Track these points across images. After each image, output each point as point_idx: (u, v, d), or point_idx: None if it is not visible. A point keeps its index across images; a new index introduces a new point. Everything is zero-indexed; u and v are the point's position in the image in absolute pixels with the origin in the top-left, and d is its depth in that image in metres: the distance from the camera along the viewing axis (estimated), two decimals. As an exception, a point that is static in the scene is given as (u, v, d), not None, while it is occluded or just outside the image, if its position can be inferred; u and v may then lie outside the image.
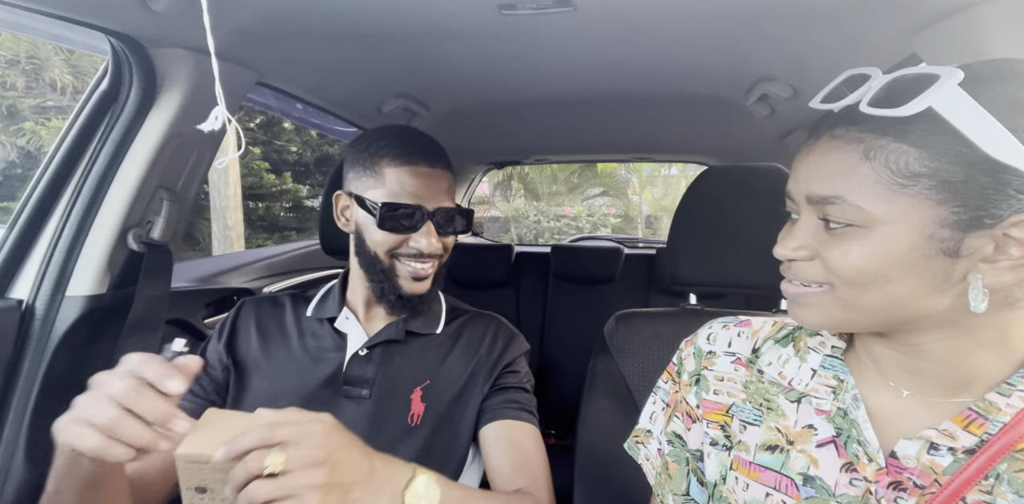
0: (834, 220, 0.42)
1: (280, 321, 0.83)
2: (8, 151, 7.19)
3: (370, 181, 0.75)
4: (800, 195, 0.45)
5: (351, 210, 0.78)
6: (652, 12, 0.82)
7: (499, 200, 12.17)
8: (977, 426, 0.42)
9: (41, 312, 0.83)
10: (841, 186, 0.41)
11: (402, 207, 0.73)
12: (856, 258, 0.40)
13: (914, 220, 0.39)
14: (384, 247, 0.75)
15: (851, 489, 0.46)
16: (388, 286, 0.77)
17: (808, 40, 0.90)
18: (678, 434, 0.62)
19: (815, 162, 0.43)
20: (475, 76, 1.17)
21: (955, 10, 0.71)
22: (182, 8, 0.72)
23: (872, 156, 0.40)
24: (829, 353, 0.52)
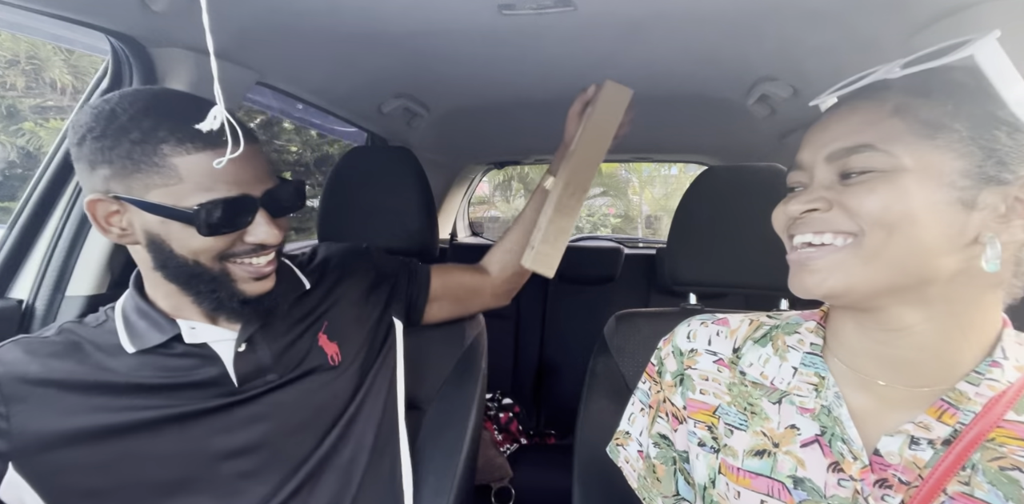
0: (856, 170, 0.42)
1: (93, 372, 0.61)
2: (8, 151, 7.19)
3: (153, 178, 0.56)
4: (818, 157, 0.45)
5: (125, 217, 0.59)
6: (652, 12, 0.82)
7: (499, 200, 12.15)
8: (949, 416, 0.43)
9: (41, 312, 0.83)
10: (868, 136, 0.42)
11: (224, 203, 0.57)
12: (884, 195, 0.40)
13: (937, 169, 0.40)
14: (210, 253, 0.60)
15: (840, 490, 0.46)
16: (225, 294, 0.62)
17: (808, 40, 0.90)
18: (663, 435, 0.61)
19: (838, 122, 0.44)
20: (475, 76, 1.17)
21: (955, 10, 0.71)
22: (182, 8, 0.72)
23: (902, 110, 0.41)
24: (808, 350, 0.52)
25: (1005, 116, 0.40)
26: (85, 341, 0.63)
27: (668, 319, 0.94)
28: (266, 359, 0.68)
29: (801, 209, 0.45)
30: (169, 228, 0.58)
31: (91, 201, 0.58)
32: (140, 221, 0.59)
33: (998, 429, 0.41)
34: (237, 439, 0.65)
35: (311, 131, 8.48)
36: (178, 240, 0.59)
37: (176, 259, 0.60)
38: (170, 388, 0.63)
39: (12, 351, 0.61)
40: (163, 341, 0.63)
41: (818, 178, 0.45)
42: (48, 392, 0.58)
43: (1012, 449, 0.41)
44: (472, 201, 3.01)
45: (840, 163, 0.43)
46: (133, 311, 0.65)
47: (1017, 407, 0.42)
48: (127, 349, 0.62)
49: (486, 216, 11.79)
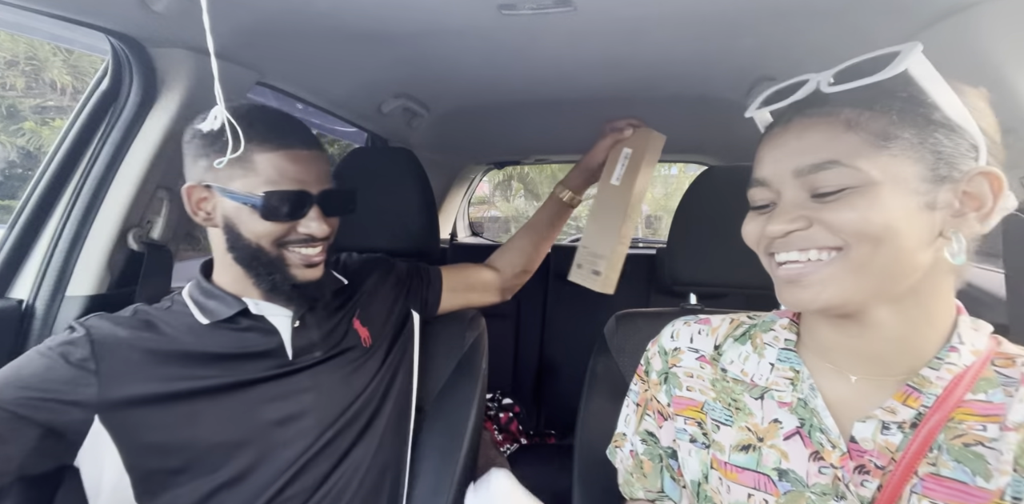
0: (827, 188, 0.44)
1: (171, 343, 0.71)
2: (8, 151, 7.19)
3: (236, 170, 0.69)
4: (784, 173, 0.46)
5: (211, 203, 0.72)
6: (652, 12, 0.82)
7: (499, 200, 12.15)
8: (913, 399, 0.45)
9: (41, 312, 0.83)
10: (831, 152, 0.43)
11: (286, 195, 0.69)
12: (871, 214, 0.42)
13: (900, 177, 0.42)
14: (270, 237, 0.71)
15: (821, 478, 0.48)
16: (280, 277, 0.73)
17: (808, 40, 0.90)
18: (650, 432, 0.62)
19: (797, 138, 0.46)
20: (475, 76, 1.17)
21: (955, 10, 0.71)
22: (182, 8, 0.72)
23: (853, 124, 0.44)
24: (783, 346, 0.54)
25: (939, 119, 0.43)
26: (158, 319, 0.73)
27: (668, 319, 0.94)
28: (315, 336, 0.79)
29: (784, 229, 0.46)
30: (240, 213, 0.70)
31: (188, 188, 0.72)
32: (221, 207, 0.71)
33: (958, 409, 0.44)
34: (286, 407, 0.74)
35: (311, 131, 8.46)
36: (245, 224, 0.71)
37: (243, 241, 0.71)
38: (235, 357, 0.73)
39: (98, 320, 0.71)
40: (232, 314, 0.73)
41: (788, 196, 0.47)
42: (132, 355, 0.68)
43: (970, 425, 0.43)
44: (472, 201, 3.01)
45: (809, 179, 0.45)
46: (200, 294, 0.76)
47: (975, 388, 0.44)
48: (201, 321, 0.73)
49: (486, 216, 11.79)
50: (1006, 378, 0.44)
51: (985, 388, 0.44)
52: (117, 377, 0.66)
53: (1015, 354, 0.46)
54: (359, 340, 0.86)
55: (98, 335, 0.68)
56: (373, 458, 0.81)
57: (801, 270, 0.45)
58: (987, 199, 0.44)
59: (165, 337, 0.71)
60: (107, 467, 0.65)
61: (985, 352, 0.46)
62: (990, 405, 0.43)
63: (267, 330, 0.76)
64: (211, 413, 0.70)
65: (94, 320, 0.71)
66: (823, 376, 0.51)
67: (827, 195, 0.44)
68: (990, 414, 0.43)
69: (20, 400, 0.61)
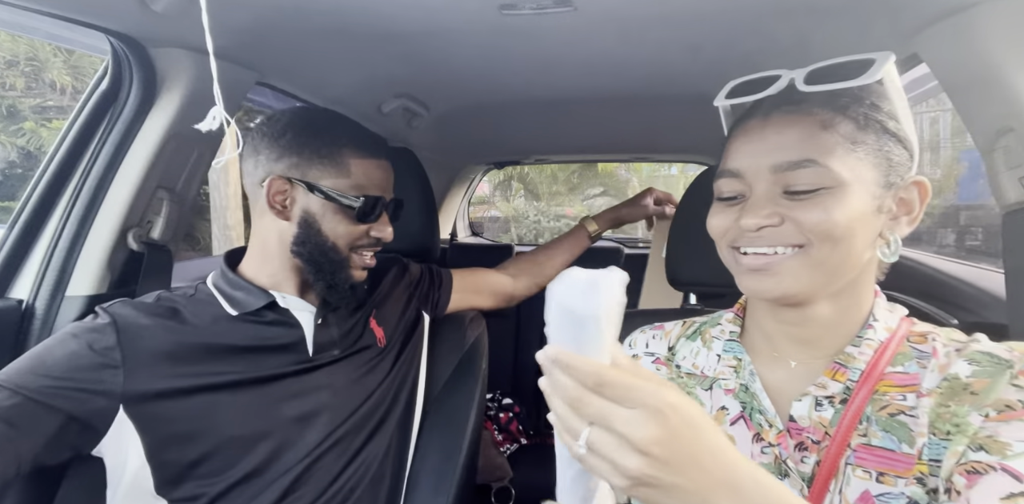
0: (803, 186, 0.46)
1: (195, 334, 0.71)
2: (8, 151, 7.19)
3: (329, 170, 0.74)
4: (761, 167, 0.48)
5: (292, 196, 0.74)
6: (652, 12, 0.82)
7: (499, 200, 12.15)
8: (841, 374, 0.49)
9: (41, 312, 0.83)
10: (809, 151, 0.46)
11: (372, 198, 0.76)
12: (838, 215, 0.45)
13: (864, 180, 0.46)
14: (347, 238, 0.76)
15: (764, 458, 0.50)
16: (341, 276, 0.76)
17: (809, 40, 0.90)
18: None
19: (777, 133, 0.48)
20: (475, 76, 1.17)
21: (955, 10, 0.71)
22: (182, 8, 0.72)
23: (828, 125, 0.46)
24: (728, 338, 0.58)
25: (892, 128, 0.47)
26: (183, 307, 0.74)
27: (668, 319, 0.94)
28: (335, 334, 0.81)
29: (759, 224, 0.47)
30: (326, 211, 0.74)
31: (272, 179, 0.73)
32: (303, 202, 0.74)
33: (881, 381, 0.48)
34: (303, 404, 0.75)
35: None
36: (329, 223, 0.74)
37: (320, 237, 0.74)
38: (257, 350, 0.74)
39: (123, 307, 0.71)
40: (260, 306, 0.74)
41: (760, 189, 0.48)
42: (157, 345, 0.68)
43: (893, 396, 0.47)
44: (472, 201, 3.01)
45: (785, 176, 0.47)
46: (226, 284, 0.77)
47: (893, 362, 0.49)
48: (229, 312, 0.74)
49: (486, 216, 11.79)
50: (919, 352, 0.49)
51: (902, 361, 0.49)
52: (142, 368, 0.66)
53: (927, 331, 0.51)
54: (375, 340, 0.87)
55: (123, 323, 0.68)
56: (383, 458, 0.81)
57: (768, 261, 0.48)
58: (915, 205, 0.49)
59: (189, 326, 0.72)
60: (131, 456, 0.66)
61: (900, 330, 0.51)
62: (907, 376, 0.48)
63: (291, 324, 0.77)
64: (231, 407, 0.70)
65: (118, 307, 0.71)
66: (764, 363, 0.55)
67: (801, 193, 0.46)
68: (908, 384, 0.47)
69: (44, 388, 0.60)
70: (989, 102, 0.72)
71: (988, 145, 0.74)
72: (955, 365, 0.46)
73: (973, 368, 0.45)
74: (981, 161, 0.77)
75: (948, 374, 0.46)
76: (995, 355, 0.45)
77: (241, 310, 0.74)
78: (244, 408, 0.71)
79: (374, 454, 0.80)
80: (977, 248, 9.27)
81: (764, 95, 0.50)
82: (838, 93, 0.46)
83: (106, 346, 0.65)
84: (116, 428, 0.64)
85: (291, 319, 0.77)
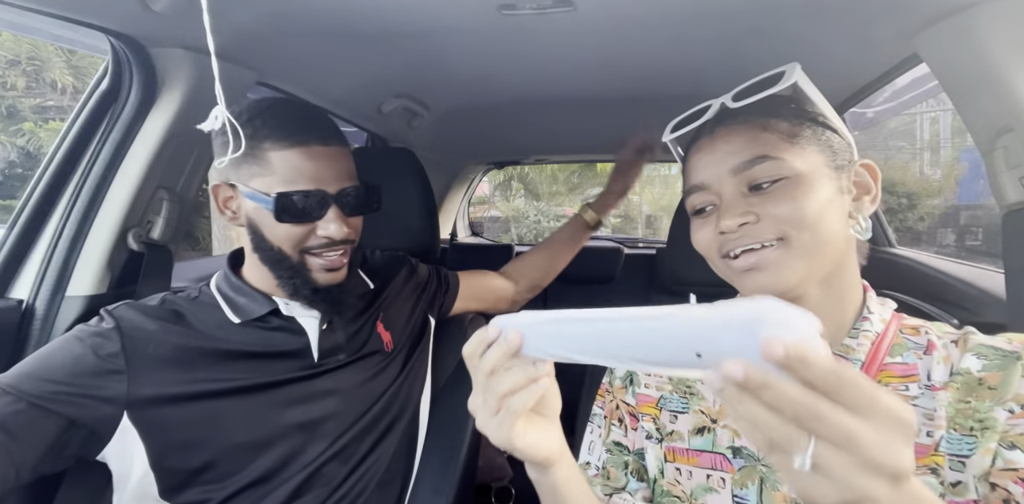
0: (764, 179, 0.50)
1: (200, 339, 0.70)
2: (8, 151, 7.19)
3: (254, 168, 0.67)
4: (721, 174, 0.52)
5: (236, 202, 0.71)
6: (652, 12, 0.82)
7: (499, 200, 12.16)
8: None
9: (41, 312, 0.83)
10: (758, 149, 0.50)
11: (300, 194, 0.66)
12: (805, 201, 0.48)
13: (815, 164, 0.50)
14: (289, 241, 0.69)
15: None
16: (300, 281, 0.71)
17: (809, 40, 0.90)
18: (617, 442, 0.63)
19: (725, 143, 0.52)
20: (475, 76, 1.17)
21: (955, 10, 0.71)
22: (182, 8, 0.72)
23: (766, 127, 0.51)
24: None
25: (823, 121, 0.52)
26: (187, 311, 0.72)
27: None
28: (341, 339, 0.78)
29: (738, 222, 0.50)
30: (260, 214, 0.68)
31: (214, 186, 0.71)
32: (244, 206, 0.70)
33: (881, 372, 0.50)
34: (309, 410, 0.73)
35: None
36: (266, 226, 0.69)
37: (265, 243, 0.70)
38: (262, 356, 0.72)
39: (127, 310, 0.69)
40: (263, 314, 0.72)
41: (728, 193, 0.52)
42: (161, 351, 0.66)
43: (895, 386, 0.49)
44: (472, 201, 3.01)
45: (745, 175, 0.51)
46: (229, 289, 0.75)
47: (891, 352, 0.51)
48: (232, 320, 0.72)
49: (486, 216, 11.79)
50: (915, 343, 0.51)
51: (900, 352, 0.51)
52: (146, 374, 0.65)
53: (918, 325, 0.53)
54: (382, 344, 0.84)
55: (128, 328, 0.66)
56: (390, 462, 0.80)
57: (757, 256, 0.50)
58: (871, 185, 0.53)
59: (194, 332, 0.70)
60: (136, 463, 0.65)
61: (893, 323, 0.53)
62: (906, 366, 0.50)
63: (295, 331, 0.75)
64: (236, 413, 0.69)
65: (123, 310, 0.69)
66: None
67: (764, 186, 0.50)
68: (908, 375, 0.49)
69: (45, 393, 0.59)
70: (989, 102, 0.72)
71: (988, 145, 0.74)
72: (964, 360, 0.47)
73: (983, 362, 0.47)
74: (981, 161, 0.77)
75: (959, 369, 0.47)
76: (999, 348, 0.47)
77: (244, 317, 0.72)
78: (249, 414, 0.69)
79: (382, 458, 0.79)
80: (977, 248, 9.27)
81: (704, 120, 0.56)
82: (765, 103, 0.52)
83: (110, 352, 0.64)
84: (120, 435, 0.63)
85: (295, 326, 0.75)
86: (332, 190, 0.69)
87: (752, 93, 0.52)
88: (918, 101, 1.36)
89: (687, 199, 0.57)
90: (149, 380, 0.65)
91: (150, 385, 0.65)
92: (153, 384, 0.65)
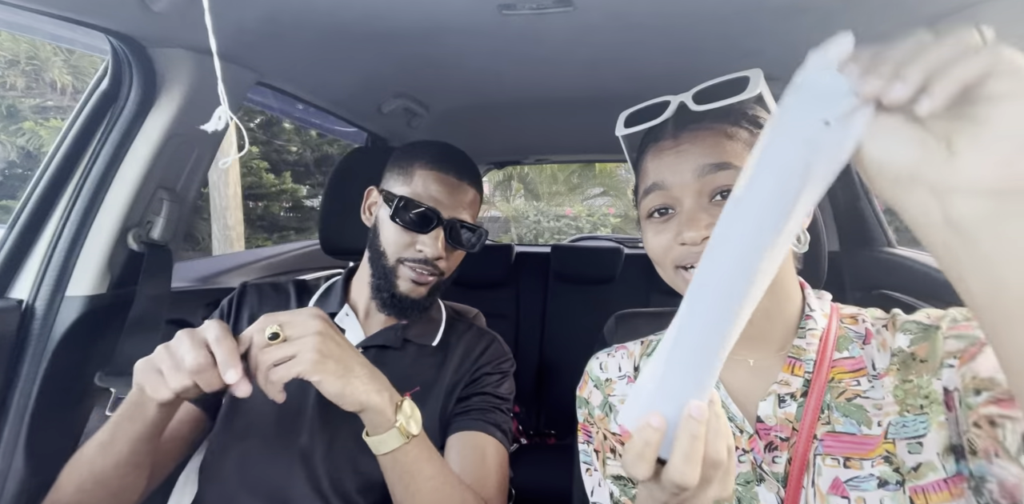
0: (726, 188, 0.49)
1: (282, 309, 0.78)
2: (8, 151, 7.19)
3: (400, 179, 0.79)
4: (685, 174, 0.51)
5: (376, 206, 0.82)
6: (652, 12, 0.82)
7: (499, 200, 12.16)
8: (798, 368, 0.52)
9: (41, 312, 0.83)
10: (726, 156, 0.50)
11: (419, 206, 0.76)
12: None
13: None
14: (392, 246, 0.77)
15: (741, 466, 0.51)
16: (385, 283, 0.78)
17: (809, 40, 0.90)
18: (618, 476, 0.61)
19: (692, 144, 0.51)
20: (475, 76, 1.17)
21: (955, 10, 0.71)
22: (182, 8, 0.72)
23: (731, 135, 0.51)
24: None
25: None
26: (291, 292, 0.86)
27: (668, 319, 0.94)
28: None
29: (703, 235, 0.49)
30: (383, 215, 0.79)
31: (368, 190, 0.84)
32: (379, 209, 0.81)
33: (832, 369, 0.51)
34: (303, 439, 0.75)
35: (311, 131, 8.46)
36: (383, 227, 0.79)
37: (376, 242, 0.79)
38: None
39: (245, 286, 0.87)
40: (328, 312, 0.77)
41: (689, 203, 0.51)
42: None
43: (848, 382, 0.50)
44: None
45: (708, 180, 0.50)
46: (331, 285, 0.86)
47: (838, 346, 0.52)
48: (309, 304, 0.83)
49: (486, 216, 11.80)
50: (856, 333, 0.53)
51: (845, 345, 0.52)
52: None
53: (855, 313, 0.55)
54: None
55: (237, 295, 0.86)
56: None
57: None
58: None
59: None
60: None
61: (833, 314, 0.54)
62: (854, 360, 0.51)
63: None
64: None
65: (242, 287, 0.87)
66: (725, 367, 0.54)
67: (725, 198, 0.48)
68: (857, 369, 0.51)
69: None
70: (989, 102, 0.72)
71: (988, 145, 0.74)
72: (896, 339, 0.50)
73: (910, 337, 0.49)
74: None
75: (894, 349, 0.49)
76: (919, 322, 0.50)
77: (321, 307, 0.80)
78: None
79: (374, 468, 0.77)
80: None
81: (661, 120, 0.54)
82: (726, 110, 0.51)
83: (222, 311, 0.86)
84: None
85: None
86: (446, 215, 0.77)
87: (714, 97, 0.51)
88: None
89: (643, 199, 0.55)
90: None
91: None
92: None
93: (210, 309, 1.24)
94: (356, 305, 0.84)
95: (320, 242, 1.01)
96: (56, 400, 0.83)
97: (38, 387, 0.81)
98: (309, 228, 8.99)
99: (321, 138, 8.90)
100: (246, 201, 7.85)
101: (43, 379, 0.82)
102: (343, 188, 1.02)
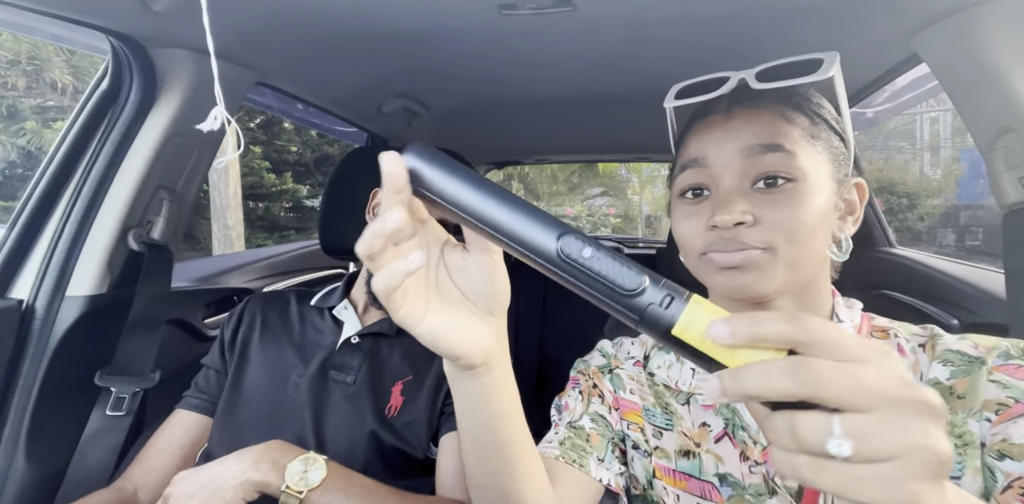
0: (771, 172, 0.46)
1: (284, 312, 0.87)
2: (8, 151, 7.20)
3: None
4: (730, 152, 0.47)
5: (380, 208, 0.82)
6: (652, 12, 0.82)
7: (499, 200, 12.16)
8: None
9: (41, 312, 0.83)
10: (778, 137, 0.46)
11: None
12: (803, 212, 0.45)
13: (823, 174, 0.46)
14: None
15: (753, 477, 0.48)
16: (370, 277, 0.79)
17: (809, 40, 0.90)
18: (601, 415, 0.59)
19: (745, 122, 0.48)
20: (475, 76, 1.17)
21: (955, 10, 0.71)
22: (182, 8, 0.72)
23: (790, 118, 0.47)
24: None
25: (837, 128, 0.49)
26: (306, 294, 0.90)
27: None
28: (355, 363, 0.80)
29: (736, 219, 0.45)
30: None
31: (374, 191, 0.85)
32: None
33: None
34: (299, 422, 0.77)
35: (311, 131, 8.47)
36: None
37: None
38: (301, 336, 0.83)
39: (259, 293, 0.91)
40: (327, 307, 0.86)
41: (729, 181, 0.47)
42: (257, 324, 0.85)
43: None
44: (472, 201, 3.01)
45: (755, 161, 0.46)
46: (335, 286, 0.90)
47: None
48: (311, 303, 0.88)
49: (486, 216, 11.75)
50: None
51: None
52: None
53: (887, 326, 0.51)
54: (384, 406, 0.77)
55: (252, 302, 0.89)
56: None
57: (743, 255, 0.46)
58: (857, 205, 0.50)
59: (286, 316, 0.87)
60: None
61: (863, 326, 0.51)
62: None
63: (336, 334, 0.82)
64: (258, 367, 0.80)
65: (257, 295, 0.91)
66: None
67: (769, 185, 0.46)
68: None
69: None
70: (989, 102, 0.72)
71: (988, 145, 0.74)
72: (932, 369, 0.46)
73: (950, 370, 0.45)
74: (981, 161, 0.77)
75: (928, 379, 0.46)
76: (964, 353, 0.45)
77: (321, 304, 0.86)
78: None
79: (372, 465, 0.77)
80: (977, 248, 9.26)
81: (717, 94, 0.50)
82: (789, 92, 0.48)
83: None
84: None
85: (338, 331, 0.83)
86: None
87: (780, 76, 0.47)
88: (918, 101, 1.35)
89: (678, 176, 0.51)
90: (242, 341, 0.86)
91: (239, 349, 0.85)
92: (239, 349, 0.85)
93: (210, 309, 1.25)
94: (356, 300, 0.87)
95: (320, 242, 1.01)
96: (56, 400, 0.83)
97: (38, 387, 0.81)
98: (309, 228, 9.00)
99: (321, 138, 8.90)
100: (246, 201, 7.85)
101: (43, 379, 0.82)
102: (343, 188, 1.02)
